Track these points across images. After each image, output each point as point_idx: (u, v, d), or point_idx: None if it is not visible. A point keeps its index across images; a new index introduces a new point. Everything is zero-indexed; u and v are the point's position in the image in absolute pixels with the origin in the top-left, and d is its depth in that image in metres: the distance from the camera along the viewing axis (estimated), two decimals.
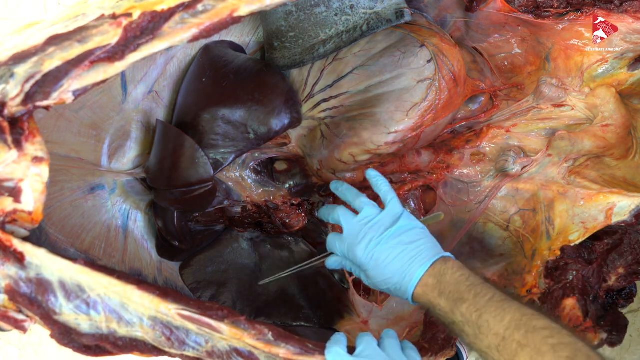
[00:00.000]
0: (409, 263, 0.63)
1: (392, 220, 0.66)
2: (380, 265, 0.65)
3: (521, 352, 0.51)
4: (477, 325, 0.56)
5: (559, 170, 0.93)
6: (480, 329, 0.55)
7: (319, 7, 0.80)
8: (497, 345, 0.53)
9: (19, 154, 0.53)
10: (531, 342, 0.51)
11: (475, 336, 0.56)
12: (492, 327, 0.55)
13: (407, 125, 0.84)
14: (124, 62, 0.53)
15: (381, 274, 0.65)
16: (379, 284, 0.66)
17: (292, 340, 0.60)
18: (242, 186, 0.94)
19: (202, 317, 0.57)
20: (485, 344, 0.55)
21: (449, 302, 0.59)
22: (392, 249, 0.64)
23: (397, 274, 0.63)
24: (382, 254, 0.65)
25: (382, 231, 0.65)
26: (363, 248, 0.66)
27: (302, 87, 0.89)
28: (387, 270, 0.64)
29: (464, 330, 0.58)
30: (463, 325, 0.58)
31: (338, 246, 0.70)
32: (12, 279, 0.54)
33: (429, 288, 0.62)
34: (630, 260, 0.88)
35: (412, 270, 0.63)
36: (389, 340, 0.63)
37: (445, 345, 0.85)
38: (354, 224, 0.68)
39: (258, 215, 0.95)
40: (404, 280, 0.63)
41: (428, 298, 0.62)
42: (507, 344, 0.53)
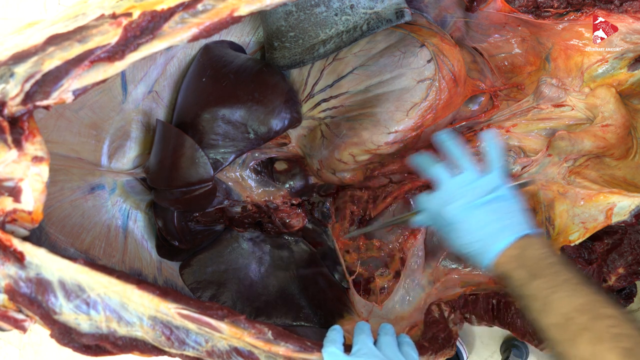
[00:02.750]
0: (498, 232, 0.63)
1: (492, 188, 0.66)
2: (469, 228, 0.65)
3: (581, 335, 0.51)
4: (546, 302, 0.56)
5: (559, 170, 0.93)
6: (547, 306, 0.56)
7: (319, 7, 0.80)
8: (560, 324, 0.54)
9: (19, 154, 0.53)
10: (594, 328, 0.52)
11: (540, 312, 0.56)
12: (560, 306, 0.55)
13: (407, 125, 0.84)
14: (124, 62, 0.53)
15: (468, 236, 0.65)
16: (461, 245, 0.66)
17: (292, 339, 0.60)
18: (242, 186, 0.94)
19: (202, 317, 0.57)
20: (548, 321, 0.55)
21: (526, 275, 0.59)
22: (486, 215, 0.64)
23: (483, 239, 0.64)
24: (474, 217, 0.65)
25: (480, 195, 0.65)
26: (457, 207, 0.66)
27: (302, 87, 0.89)
28: (475, 234, 0.64)
29: (530, 305, 0.58)
30: (532, 299, 0.58)
31: (429, 204, 0.69)
32: (12, 278, 0.54)
33: (509, 259, 0.62)
34: (630, 260, 0.88)
35: (499, 239, 0.63)
36: (385, 338, 0.63)
37: (445, 345, 0.85)
38: (452, 184, 0.68)
39: (258, 215, 0.95)
40: (488, 247, 0.63)
41: (506, 268, 0.62)
42: (570, 325, 0.53)
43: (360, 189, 0.99)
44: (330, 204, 1.00)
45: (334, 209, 1.01)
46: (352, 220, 1.01)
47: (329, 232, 1.00)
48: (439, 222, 0.69)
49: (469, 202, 0.65)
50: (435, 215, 0.69)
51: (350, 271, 0.99)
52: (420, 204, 0.71)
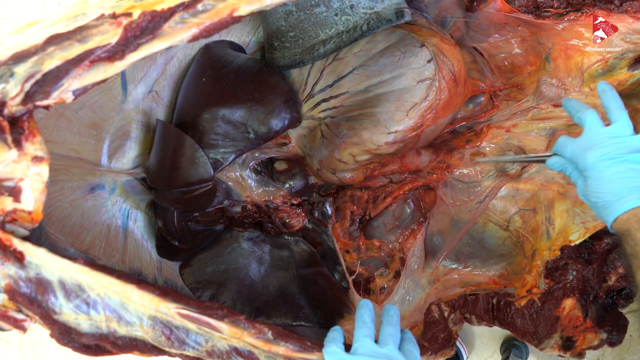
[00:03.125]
0: (630, 190, 0.63)
1: (637, 148, 0.66)
2: (604, 179, 0.65)
3: None
4: None
5: None
6: None
7: (319, 7, 0.80)
8: None
9: (19, 154, 0.53)
10: None
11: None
12: None
13: (407, 125, 0.84)
14: (124, 62, 0.53)
15: (600, 186, 0.65)
16: (590, 194, 0.66)
17: (292, 339, 0.60)
18: (242, 186, 0.94)
19: (202, 316, 0.57)
20: None
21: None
22: (624, 172, 0.64)
23: (615, 193, 0.64)
24: (613, 170, 0.65)
25: (624, 152, 0.65)
26: (598, 156, 0.66)
27: (302, 87, 0.89)
28: (608, 186, 0.64)
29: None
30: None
31: (570, 146, 0.69)
32: (12, 278, 0.54)
33: (635, 218, 0.62)
34: None
35: (631, 197, 0.63)
36: (387, 329, 0.63)
37: (445, 345, 0.85)
38: (600, 132, 0.67)
39: (258, 215, 0.95)
40: (617, 201, 0.64)
41: (629, 226, 0.62)
42: None
43: (360, 189, 0.99)
44: (330, 204, 1.00)
45: (334, 209, 1.01)
46: (352, 220, 1.01)
47: (329, 232, 1.00)
48: (574, 166, 0.69)
49: (614, 154, 0.65)
50: (574, 157, 0.68)
51: (350, 271, 0.99)
52: (559, 146, 0.71)
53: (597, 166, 0.65)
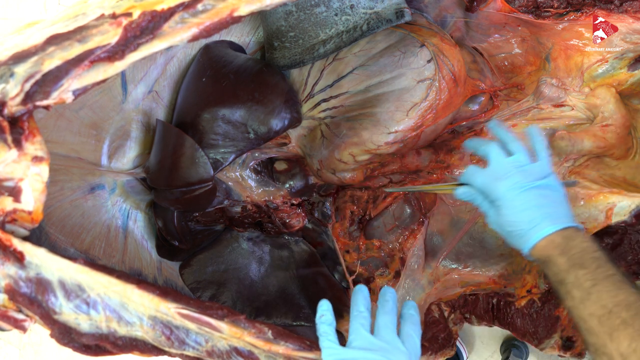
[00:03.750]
0: (544, 217, 0.64)
1: (542, 175, 0.67)
2: (516, 207, 0.65)
3: (623, 329, 0.53)
4: (588, 292, 0.57)
5: (559, 170, 0.93)
6: (589, 296, 0.57)
7: (319, 7, 0.80)
8: (601, 315, 0.55)
9: (19, 154, 0.53)
10: (637, 324, 0.53)
11: (582, 301, 0.57)
12: (602, 298, 0.56)
13: (407, 125, 0.84)
14: (124, 62, 0.53)
15: (513, 215, 0.66)
16: (504, 223, 0.67)
17: (291, 338, 0.60)
18: (242, 186, 0.94)
19: (202, 316, 0.57)
20: (589, 311, 0.56)
21: (569, 262, 0.60)
22: (534, 199, 0.65)
23: (529, 221, 0.64)
24: (523, 198, 0.65)
25: (530, 179, 0.66)
26: (507, 185, 0.66)
27: (302, 87, 0.89)
28: (521, 214, 0.65)
29: (570, 292, 0.59)
30: (573, 287, 0.59)
31: (478, 177, 0.70)
32: (12, 278, 0.54)
33: (553, 244, 0.63)
34: (630, 260, 0.88)
35: (545, 224, 0.64)
36: (383, 318, 0.62)
37: (445, 345, 0.85)
38: (505, 162, 0.68)
39: (258, 215, 0.95)
40: (533, 229, 0.64)
41: (548, 253, 0.63)
42: (611, 317, 0.54)
43: (360, 189, 0.99)
44: (330, 204, 1.00)
45: (334, 209, 1.01)
46: (352, 220, 1.01)
47: (329, 232, 1.00)
48: (483, 197, 0.70)
49: (520, 183, 0.66)
50: (483, 189, 0.69)
51: (350, 271, 0.99)
52: (469, 176, 0.71)
53: (508, 196, 0.66)
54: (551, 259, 0.62)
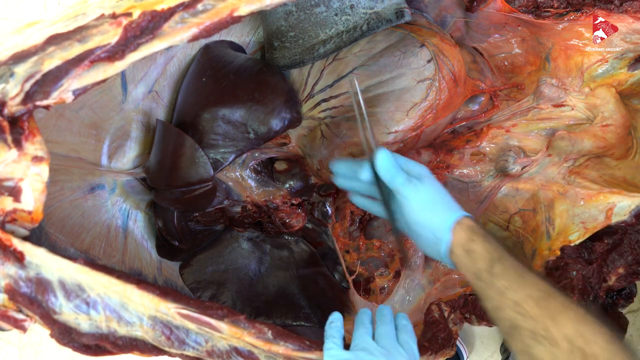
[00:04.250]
0: (443, 209, 0.64)
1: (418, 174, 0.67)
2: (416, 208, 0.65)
3: (565, 313, 0.51)
4: (523, 274, 0.55)
5: (559, 170, 0.93)
6: (525, 278, 0.55)
7: (319, 7, 0.80)
8: (539, 298, 0.53)
9: (19, 154, 0.53)
10: (575, 309, 0.51)
11: (518, 283, 0.55)
12: (537, 283, 0.54)
13: (407, 125, 0.84)
14: (124, 62, 0.53)
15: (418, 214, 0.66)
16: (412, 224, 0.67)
17: (291, 338, 0.60)
18: (242, 186, 0.94)
19: (202, 316, 0.57)
20: (526, 292, 0.54)
21: (499, 245, 0.59)
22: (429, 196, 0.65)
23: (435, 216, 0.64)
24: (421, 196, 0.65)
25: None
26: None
27: (302, 86, 0.89)
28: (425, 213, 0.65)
29: (508, 272, 0.56)
30: (511, 267, 0.57)
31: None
32: (12, 278, 0.54)
33: (470, 232, 0.62)
34: (630, 260, 0.88)
35: (448, 215, 0.64)
36: (382, 328, 0.63)
37: (445, 345, 0.85)
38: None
39: (258, 215, 0.95)
40: (443, 224, 0.64)
41: (470, 237, 0.62)
42: (550, 300, 0.52)
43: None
44: (330, 204, 1.00)
45: (334, 209, 1.01)
46: (352, 220, 1.01)
47: (329, 232, 1.00)
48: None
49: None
50: None
51: (350, 271, 0.99)
52: None
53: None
54: (474, 243, 0.60)
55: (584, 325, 0.49)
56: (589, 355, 0.48)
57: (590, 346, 0.48)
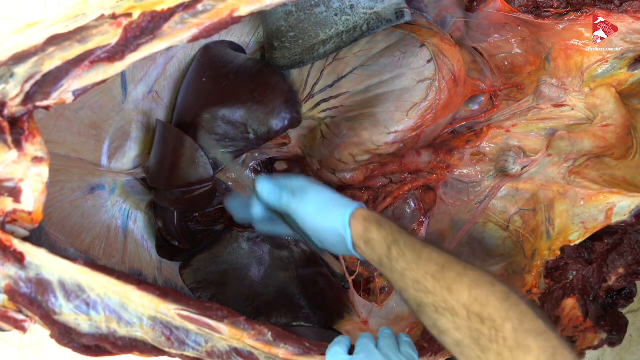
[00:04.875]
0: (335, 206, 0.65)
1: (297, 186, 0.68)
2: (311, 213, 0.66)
3: (460, 281, 0.52)
4: (420, 252, 0.57)
5: (559, 170, 0.93)
6: (421, 255, 0.56)
7: (319, 7, 0.80)
8: (435, 272, 0.54)
9: (19, 154, 0.53)
10: (470, 274, 0.53)
11: (415, 262, 0.56)
12: (433, 257, 0.56)
13: (407, 125, 0.84)
14: (124, 62, 0.53)
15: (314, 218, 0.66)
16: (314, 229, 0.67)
17: (291, 340, 0.60)
18: (242, 186, 0.94)
19: (202, 317, 0.57)
20: (424, 270, 0.55)
21: (393, 228, 0.61)
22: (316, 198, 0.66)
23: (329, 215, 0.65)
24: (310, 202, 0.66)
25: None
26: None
27: (302, 87, 0.89)
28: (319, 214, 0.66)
29: (404, 255, 0.58)
30: (406, 248, 0.58)
31: None
32: (12, 279, 0.54)
33: (364, 222, 0.63)
34: (630, 260, 0.88)
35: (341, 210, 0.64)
36: (385, 340, 0.64)
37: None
38: None
39: None
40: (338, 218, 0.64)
41: (366, 226, 0.62)
42: (445, 272, 0.54)
43: (360, 189, 0.99)
44: None
45: None
46: None
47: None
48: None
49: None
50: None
51: (350, 271, 0.99)
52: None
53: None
54: (370, 232, 0.61)
55: (477, 289, 0.51)
56: (485, 319, 0.49)
57: (485, 309, 0.49)
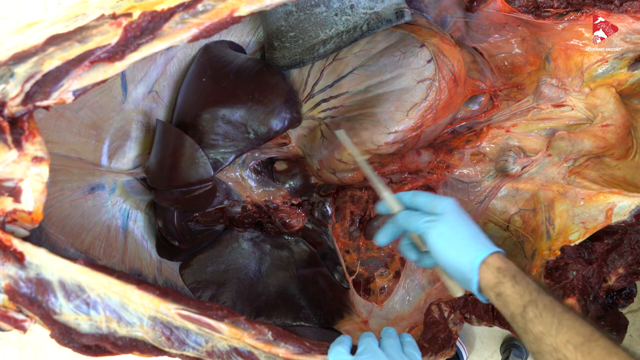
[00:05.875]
0: (468, 247, 0.61)
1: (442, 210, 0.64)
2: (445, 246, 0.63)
3: (609, 357, 0.49)
4: (560, 317, 0.53)
5: (559, 170, 0.93)
6: (561, 322, 0.53)
7: (319, 7, 0.80)
8: (579, 344, 0.51)
9: (19, 154, 0.53)
10: (620, 353, 0.49)
11: (556, 327, 0.52)
12: (576, 325, 0.52)
13: (407, 125, 0.84)
14: (124, 62, 0.53)
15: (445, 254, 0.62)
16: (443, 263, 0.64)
17: (292, 340, 0.60)
18: (242, 186, 0.94)
19: (202, 317, 0.57)
20: (565, 338, 0.52)
21: (531, 286, 0.57)
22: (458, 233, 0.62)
23: (462, 256, 0.61)
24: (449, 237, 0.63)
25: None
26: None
27: (302, 87, 0.89)
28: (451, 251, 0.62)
29: (542, 316, 0.54)
30: (545, 310, 0.54)
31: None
32: (12, 278, 0.54)
33: (497, 272, 0.59)
34: (630, 260, 0.88)
35: (474, 253, 0.61)
36: (388, 340, 0.64)
37: (445, 345, 0.85)
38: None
39: (258, 215, 0.95)
40: (470, 262, 0.60)
41: (498, 280, 0.59)
42: (592, 346, 0.50)
43: (360, 189, 0.99)
44: (330, 204, 1.00)
45: (334, 209, 1.01)
46: (352, 220, 1.01)
47: (329, 232, 1.00)
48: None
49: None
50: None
51: (350, 271, 0.99)
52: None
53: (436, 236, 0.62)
54: (503, 286, 0.58)
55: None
56: None
57: None
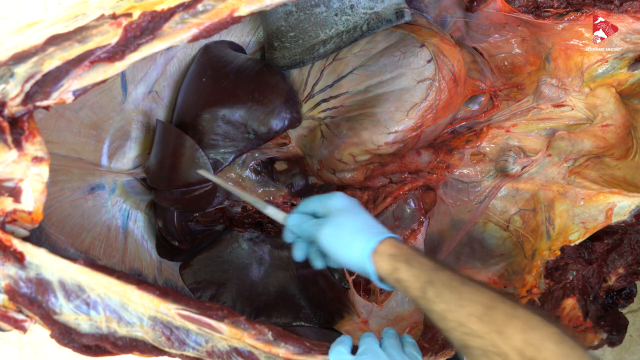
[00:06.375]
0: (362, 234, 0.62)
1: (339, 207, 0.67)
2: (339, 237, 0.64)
3: (509, 322, 0.49)
4: (460, 291, 0.53)
5: (559, 170, 0.93)
6: (461, 295, 0.53)
7: (319, 7, 0.80)
8: (481, 314, 0.51)
9: (19, 154, 0.53)
10: (520, 315, 0.50)
11: (456, 303, 0.53)
12: (475, 296, 0.52)
13: (407, 125, 0.84)
14: (124, 62, 0.53)
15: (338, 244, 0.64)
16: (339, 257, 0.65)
17: (292, 340, 0.60)
18: (242, 186, 0.94)
19: (202, 317, 0.57)
20: (467, 311, 0.52)
21: (427, 266, 0.57)
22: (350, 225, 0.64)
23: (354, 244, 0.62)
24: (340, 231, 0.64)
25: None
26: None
27: (302, 87, 0.89)
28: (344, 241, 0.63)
29: (442, 294, 0.54)
30: (444, 287, 0.54)
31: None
32: (12, 278, 0.54)
33: (391, 257, 0.59)
34: (630, 260, 0.88)
35: (365, 240, 0.62)
36: (389, 340, 0.64)
37: (445, 345, 0.85)
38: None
39: (258, 215, 0.95)
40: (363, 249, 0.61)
41: (393, 265, 0.59)
42: (492, 313, 0.50)
43: (360, 189, 0.99)
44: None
45: None
46: None
47: None
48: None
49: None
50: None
51: (350, 271, 0.99)
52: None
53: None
54: (399, 272, 0.58)
55: (531, 331, 0.48)
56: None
57: (541, 353, 0.47)
